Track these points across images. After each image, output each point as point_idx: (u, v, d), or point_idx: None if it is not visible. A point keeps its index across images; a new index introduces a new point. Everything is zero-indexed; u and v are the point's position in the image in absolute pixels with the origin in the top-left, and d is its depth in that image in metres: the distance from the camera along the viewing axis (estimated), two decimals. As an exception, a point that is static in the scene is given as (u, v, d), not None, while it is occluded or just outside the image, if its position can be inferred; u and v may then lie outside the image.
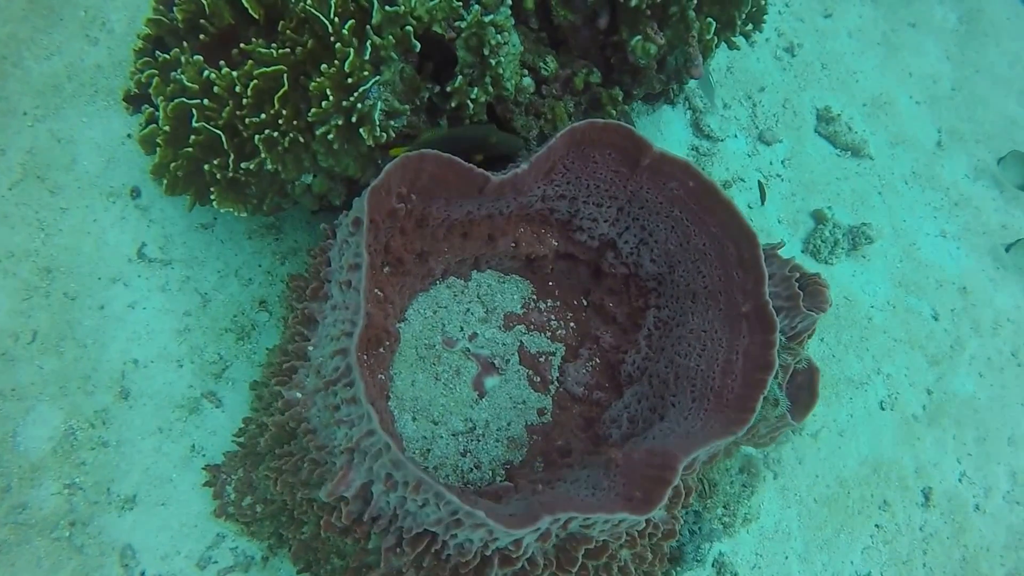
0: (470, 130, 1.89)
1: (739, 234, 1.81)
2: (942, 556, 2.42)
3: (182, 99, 1.69)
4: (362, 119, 1.68)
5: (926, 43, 3.40)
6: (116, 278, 2.19)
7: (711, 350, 1.83)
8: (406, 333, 2.07)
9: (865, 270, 2.84)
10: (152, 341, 2.15)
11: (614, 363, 2.12)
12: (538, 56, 2.06)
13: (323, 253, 1.74)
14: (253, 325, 2.24)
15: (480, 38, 1.76)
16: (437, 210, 1.84)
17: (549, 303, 2.25)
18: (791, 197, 2.95)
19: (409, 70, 1.80)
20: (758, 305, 1.75)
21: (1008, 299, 2.91)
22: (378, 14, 1.68)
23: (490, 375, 2.14)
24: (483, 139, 1.87)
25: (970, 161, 3.21)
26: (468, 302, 2.17)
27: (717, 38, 1.97)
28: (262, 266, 2.29)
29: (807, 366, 1.88)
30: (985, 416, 2.67)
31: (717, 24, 2.00)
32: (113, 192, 2.27)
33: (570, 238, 2.12)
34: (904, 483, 2.49)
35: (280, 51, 1.68)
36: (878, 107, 3.20)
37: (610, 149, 1.88)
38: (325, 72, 1.63)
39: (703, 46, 1.96)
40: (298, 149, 1.75)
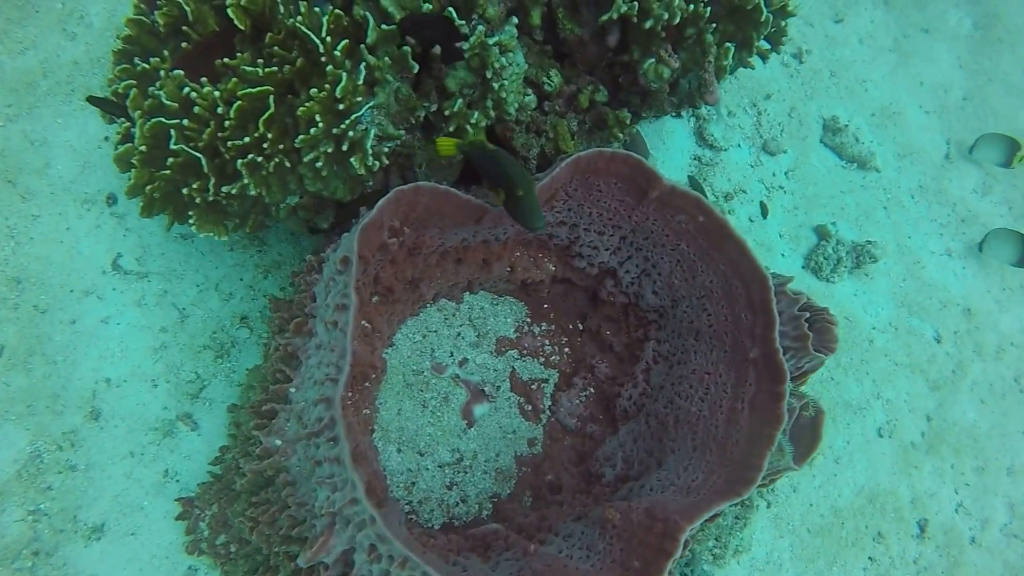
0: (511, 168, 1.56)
1: (750, 274, 1.73)
2: (936, 591, 2.39)
3: (160, 119, 1.59)
4: (353, 147, 1.58)
5: (939, 50, 3.30)
6: (89, 291, 2.10)
7: (715, 395, 1.76)
8: (393, 360, 1.99)
9: (867, 289, 2.78)
10: (126, 359, 2.06)
11: (610, 396, 2.05)
12: (541, 70, 1.96)
13: (308, 288, 1.65)
14: (233, 342, 2.15)
15: (483, 59, 1.66)
16: (431, 238, 1.76)
17: (543, 326, 2.17)
18: (794, 210, 2.87)
19: (405, 90, 1.69)
20: (768, 352, 1.68)
21: (1014, 322, 2.85)
22: (374, 32, 1.58)
23: (480, 403, 2.06)
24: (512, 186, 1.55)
25: (979, 175, 3.14)
26: (459, 325, 2.09)
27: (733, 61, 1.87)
28: (244, 280, 2.19)
29: (814, 413, 1.82)
30: (985, 445, 2.63)
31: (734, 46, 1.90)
32: (88, 199, 2.16)
33: (568, 264, 2.04)
34: (900, 514, 2.45)
35: (267, 70, 1.58)
36: (887, 117, 3.11)
37: (616, 179, 1.79)
38: (315, 96, 1.53)
39: (718, 70, 1.86)
40: (283, 172, 1.65)
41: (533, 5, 1.79)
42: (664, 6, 1.73)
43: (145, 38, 1.87)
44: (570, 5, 1.89)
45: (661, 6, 1.73)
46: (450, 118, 1.71)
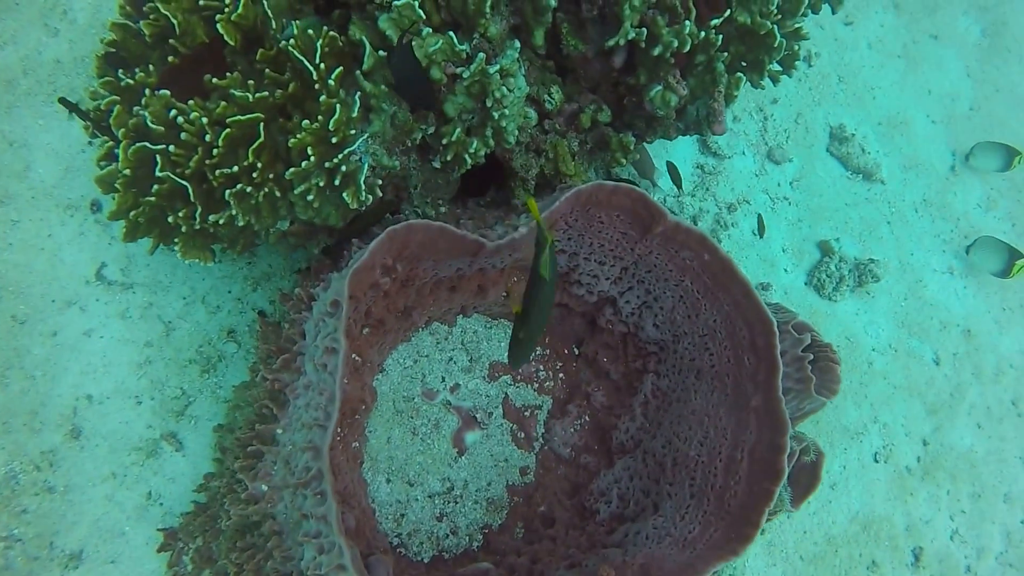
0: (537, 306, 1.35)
1: (754, 318, 1.68)
2: (926, 620, 2.39)
3: (145, 144, 1.51)
4: (346, 180, 1.51)
5: (947, 57, 3.23)
6: (71, 301, 2.03)
7: (713, 440, 1.72)
8: (383, 386, 1.94)
9: (869, 308, 2.74)
10: (108, 374, 2.00)
11: (606, 426, 2.01)
12: (542, 86, 1.88)
13: (298, 324, 1.59)
14: (220, 356, 2.09)
15: (483, 87, 1.59)
16: (424, 270, 1.70)
17: (538, 351, 2.12)
18: (797, 223, 2.81)
19: (402, 115, 1.62)
20: (770, 401, 1.63)
21: (1013, 343, 2.82)
22: (370, 59, 1.50)
23: (471, 430, 2.02)
24: (524, 317, 1.36)
25: (983, 189, 3.09)
26: (451, 350, 2.04)
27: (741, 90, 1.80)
28: (232, 292, 2.13)
29: (814, 457, 1.78)
30: (981, 471, 2.61)
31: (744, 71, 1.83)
32: (71, 204, 2.09)
33: (567, 290, 1.98)
34: (894, 542, 2.43)
35: (257, 95, 1.50)
36: (894, 126, 3.05)
37: (618, 212, 1.73)
38: (307, 128, 1.46)
39: (727, 97, 1.79)
40: (274, 200, 1.58)
41: (537, 24, 1.72)
42: (674, 33, 1.65)
43: (131, 43, 1.79)
44: (575, 22, 1.82)
45: (671, 33, 1.66)
46: (447, 147, 1.64)
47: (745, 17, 1.74)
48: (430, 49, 1.53)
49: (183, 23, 1.65)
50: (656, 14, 1.67)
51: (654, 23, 1.67)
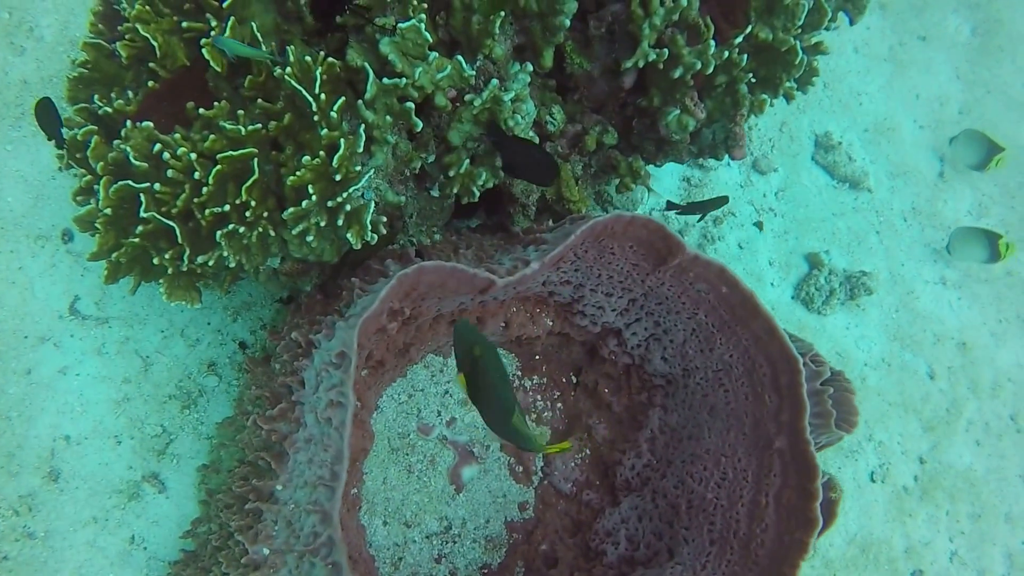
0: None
1: (777, 355, 1.63)
2: (927, 643, 2.38)
3: (127, 183, 1.41)
4: (350, 219, 1.43)
5: (936, 60, 3.21)
6: (45, 337, 1.92)
7: (733, 482, 1.67)
8: (378, 424, 1.87)
9: (860, 322, 2.72)
10: (86, 413, 1.90)
11: (608, 461, 1.96)
12: (543, 106, 1.81)
13: (295, 372, 1.51)
14: (200, 391, 2.00)
15: (494, 115, 1.52)
16: (428, 307, 1.62)
17: (535, 379, 2.06)
18: (784, 235, 2.78)
19: (405, 145, 1.54)
20: (796, 444, 1.57)
21: (1010, 356, 2.83)
22: (373, 87, 1.42)
23: (468, 464, 1.96)
24: None
25: (974, 195, 3.08)
26: (447, 382, 1.97)
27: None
28: (211, 324, 2.03)
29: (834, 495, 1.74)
30: (981, 490, 2.61)
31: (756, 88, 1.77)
32: (42, 235, 1.97)
33: (568, 320, 1.92)
34: (894, 565, 2.42)
35: (250, 128, 1.41)
36: (880, 133, 3.02)
37: (632, 242, 1.66)
38: (307, 164, 1.37)
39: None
40: (266, 239, 1.50)
41: (546, 45, 1.64)
42: (696, 53, 1.59)
43: (104, 64, 1.68)
44: (581, 39, 1.75)
45: (692, 54, 1.59)
46: (453, 179, 1.57)
47: (767, 33, 1.67)
48: (437, 77, 1.45)
49: (163, 45, 1.55)
50: (675, 33, 1.61)
51: (673, 42, 1.60)
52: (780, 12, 1.65)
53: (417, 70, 1.43)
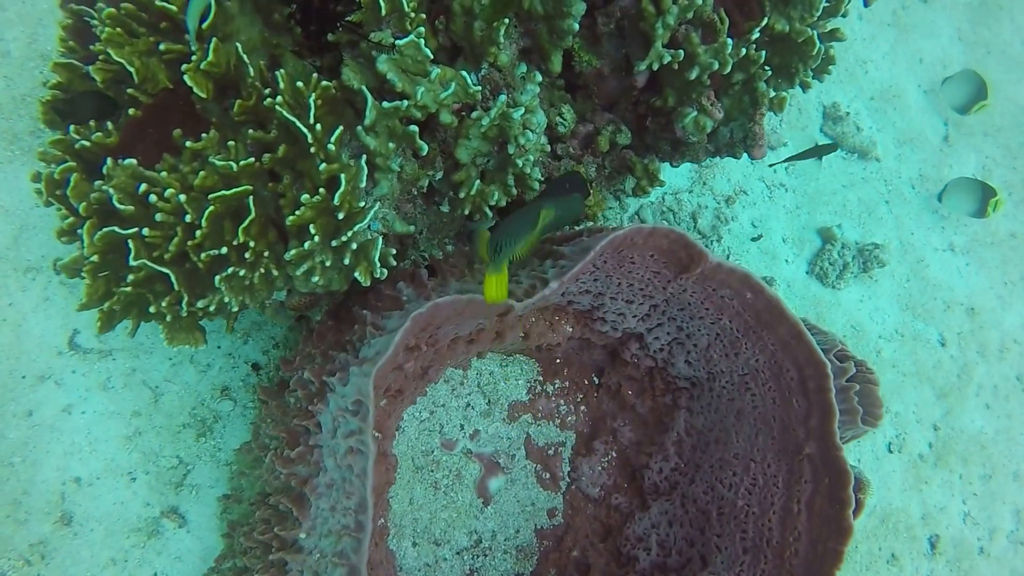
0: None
1: (805, 359, 1.48)
2: (948, 608, 2.28)
3: (113, 229, 1.22)
4: (358, 257, 1.25)
5: (938, 21, 2.99)
6: (44, 376, 1.74)
7: (764, 489, 1.53)
8: (400, 445, 1.71)
9: (873, 294, 2.56)
10: (96, 452, 1.74)
11: (635, 464, 1.81)
12: (551, 106, 1.61)
13: (310, 416, 1.34)
14: (215, 417, 1.84)
15: (504, 131, 1.32)
16: (445, 334, 1.45)
17: (557, 384, 1.90)
18: (796, 211, 2.60)
19: (410, 168, 1.35)
20: (827, 449, 1.44)
21: (1015, 318, 2.68)
22: (372, 112, 1.22)
23: (495, 475, 1.81)
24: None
25: (978, 158, 2.90)
26: (468, 395, 1.81)
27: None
28: (221, 348, 1.86)
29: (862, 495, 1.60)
30: (992, 452, 2.49)
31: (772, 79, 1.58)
32: (31, 267, 1.78)
33: (589, 327, 1.75)
34: (912, 532, 2.31)
35: (243, 163, 1.21)
36: (887, 100, 2.83)
37: (653, 252, 1.49)
38: (307, 203, 1.18)
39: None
40: (270, 277, 1.31)
41: (554, 48, 1.44)
42: (712, 52, 1.39)
43: (80, 84, 1.48)
44: (589, 36, 1.54)
45: (709, 53, 1.39)
46: (464, 200, 1.38)
47: (783, 25, 1.48)
48: (441, 96, 1.25)
49: (141, 69, 1.34)
50: (690, 30, 1.41)
51: (688, 41, 1.40)
52: (797, 2, 1.44)
53: (419, 89, 1.23)
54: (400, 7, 1.22)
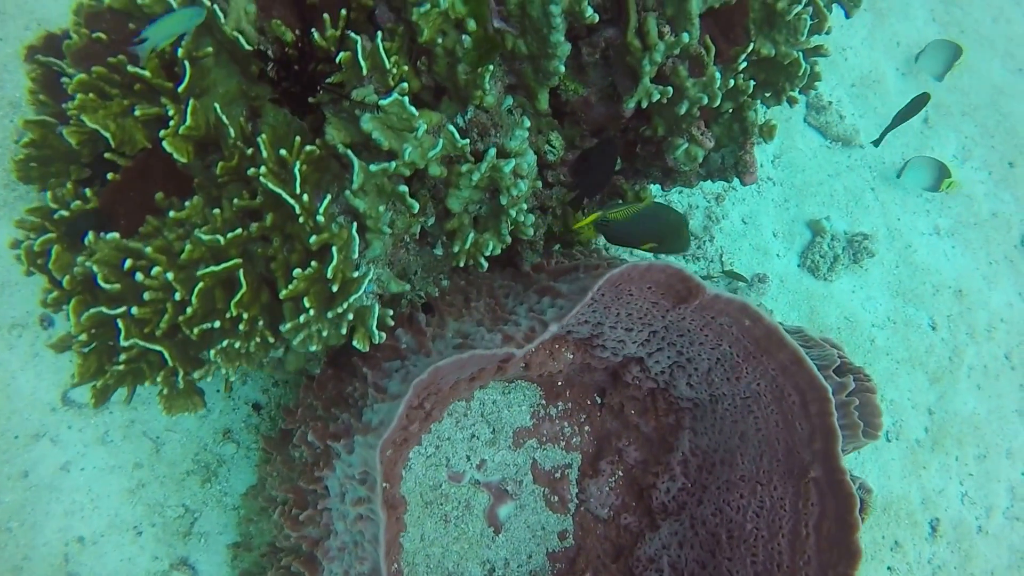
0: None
1: (805, 384, 1.45)
2: (950, 589, 2.30)
3: (100, 310, 1.17)
4: (355, 325, 1.20)
5: (913, 3, 2.94)
6: (39, 434, 1.69)
7: (772, 512, 1.52)
8: (408, 482, 1.68)
9: (864, 283, 2.54)
10: (98, 509, 1.69)
11: (643, 484, 1.79)
12: (539, 134, 1.56)
13: (318, 481, 1.30)
14: (219, 461, 1.79)
15: (495, 182, 1.27)
16: (447, 382, 1.41)
17: (560, 406, 1.87)
18: (784, 204, 2.57)
19: (402, 221, 1.30)
20: (831, 472, 1.43)
21: (1001, 297, 2.67)
22: (360, 175, 1.16)
23: (504, 503, 1.79)
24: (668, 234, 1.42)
25: (958, 138, 2.87)
26: (472, 425, 1.78)
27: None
28: (220, 391, 1.81)
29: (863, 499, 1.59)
30: (985, 432, 2.49)
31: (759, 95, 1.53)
32: (16, 323, 1.71)
33: (589, 352, 1.71)
34: (913, 518, 2.32)
35: (230, 236, 1.16)
36: (867, 86, 2.79)
37: (651, 284, 1.45)
38: (300, 276, 1.13)
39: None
40: (266, 342, 1.26)
41: (539, 87, 1.38)
42: (701, 86, 1.34)
43: (55, 140, 1.42)
44: (574, 66, 1.48)
45: (697, 87, 1.34)
46: (459, 254, 1.32)
47: (769, 49, 1.43)
48: (429, 154, 1.19)
49: (118, 133, 1.28)
50: (677, 63, 1.35)
51: (676, 74, 1.35)
52: (781, 26, 1.39)
53: (407, 148, 1.17)
54: (381, 64, 1.16)
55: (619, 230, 1.38)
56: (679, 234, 1.42)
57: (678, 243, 1.44)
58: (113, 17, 1.26)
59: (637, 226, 1.38)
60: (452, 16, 1.27)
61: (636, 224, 1.38)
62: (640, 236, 1.42)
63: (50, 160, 1.42)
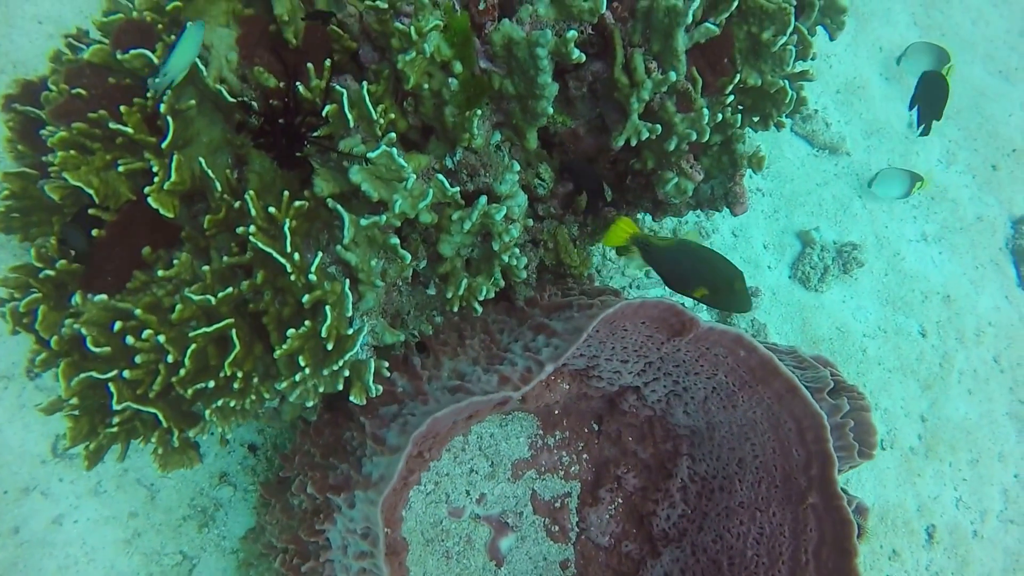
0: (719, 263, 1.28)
1: (801, 412, 1.45)
2: (949, 596, 2.31)
3: (91, 374, 1.14)
4: (351, 381, 1.18)
5: (894, 8, 2.95)
6: (29, 488, 1.66)
7: (771, 538, 1.51)
8: (409, 521, 1.66)
9: (854, 293, 2.55)
10: (94, 561, 1.67)
11: (643, 511, 1.79)
12: (528, 167, 1.55)
13: (319, 534, 1.28)
14: (216, 505, 1.77)
15: (487, 228, 1.26)
16: (444, 425, 1.39)
17: (558, 435, 1.85)
18: (774, 215, 2.57)
19: (394, 270, 1.28)
20: (829, 498, 1.43)
21: (988, 300, 2.69)
22: (351, 229, 1.15)
23: (504, 535, 1.77)
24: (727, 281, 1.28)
25: (942, 142, 2.88)
26: (470, 460, 1.76)
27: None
28: (213, 434, 1.78)
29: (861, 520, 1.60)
30: (977, 436, 2.51)
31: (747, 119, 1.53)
32: (2, 375, 1.68)
33: (585, 383, 1.70)
34: (909, 526, 2.33)
35: (222, 295, 1.14)
36: (852, 92, 2.79)
37: (645, 320, 1.44)
38: (293, 335, 1.11)
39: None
40: (260, 398, 1.24)
41: (527, 127, 1.37)
42: (689, 122, 1.33)
43: (34, 192, 1.39)
44: (561, 99, 1.47)
45: (686, 122, 1.33)
46: (452, 299, 1.31)
47: (756, 79, 1.42)
48: (420, 205, 1.18)
49: (101, 188, 1.25)
50: (665, 99, 1.34)
51: (664, 110, 1.34)
52: (767, 57, 1.39)
53: (397, 200, 1.15)
54: (368, 115, 1.15)
55: (663, 259, 1.28)
56: (733, 289, 1.28)
57: (733, 300, 1.29)
58: (93, 72, 1.24)
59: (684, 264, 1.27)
60: (438, 59, 1.25)
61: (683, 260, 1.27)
62: (689, 277, 1.30)
63: (31, 211, 1.40)
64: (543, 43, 1.18)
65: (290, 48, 1.31)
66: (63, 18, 1.79)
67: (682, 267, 1.29)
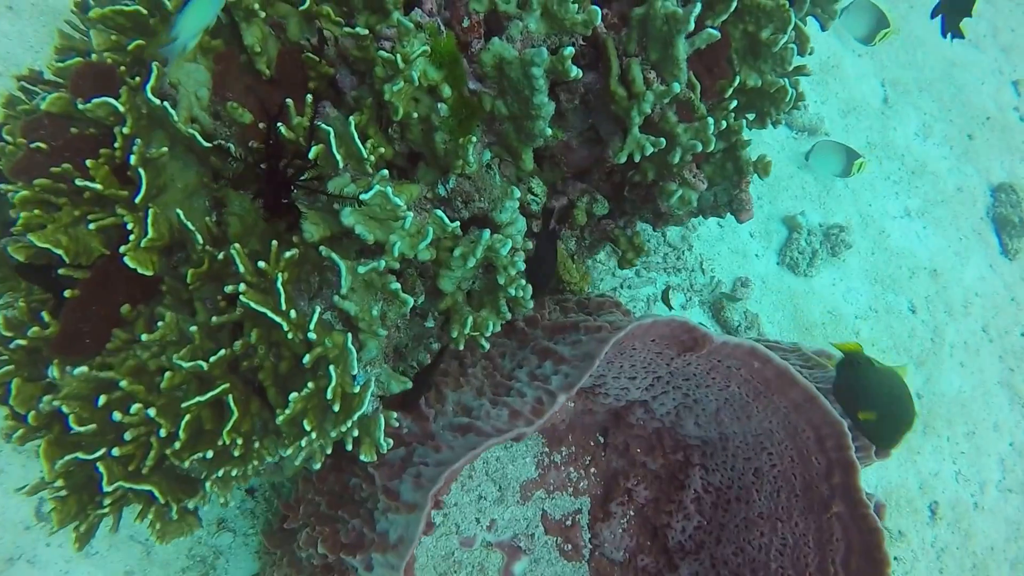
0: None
1: (819, 420, 1.41)
2: (956, 571, 2.31)
3: (76, 456, 1.05)
4: (361, 440, 1.10)
5: (861, -18, 2.89)
6: (13, 557, 1.56)
7: (795, 549, 1.48)
8: (420, 558, 1.60)
9: (843, 275, 2.52)
10: (93, 625, 1.58)
11: (656, 523, 1.74)
12: (520, 182, 1.47)
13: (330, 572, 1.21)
14: (216, 553, 1.69)
15: (491, 261, 1.18)
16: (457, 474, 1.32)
17: (564, 451, 1.80)
18: (758, 202, 2.52)
19: (394, 312, 1.20)
20: (854, 506, 1.39)
21: (973, 271, 2.69)
22: (347, 279, 1.06)
23: (517, 559, 1.72)
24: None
25: (917, 115, 2.86)
26: (478, 487, 1.70)
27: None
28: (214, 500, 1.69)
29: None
30: (971, 408, 2.51)
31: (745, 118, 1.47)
32: (-24, 439, 1.57)
33: (591, 399, 1.65)
34: (913, 505, 2.33)
35: (214, 359, 1.05)
36: (827, 72, 2.75)
37: (655, 338, 1.38)
38: (295, 399, 1.03)
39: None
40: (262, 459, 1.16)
41: (522, 147, 1.29)
42: (693, 132, 1.26)
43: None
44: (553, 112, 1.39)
45: (689, 133, 1.27)
46: (457, 339, 1.23)
47: (755, 80, 1.37)
48: (420, 246, 1.10)
49: (71, 246, 1.15)
50: (666, 109, 1.28)
51: (665, 120, 1.27)
52: (767, 57, 1.33)
53: (395, 242, 1.07)
54: (357, 153, 1.06)
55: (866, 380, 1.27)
56: (896, 433, 1.28)
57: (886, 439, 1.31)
58: (52, 123, 1.13)
59: (874, 387, 1.27)
60: (424, 84, 1.17)
61: (877, 383, 1.26)
62: (865, 399, 1.29)
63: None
64: (539, 62, 1.11)
65: (264, 79, 1.22)
66: (13, 56, 1.66)
67: (871, 390, 1.29)
